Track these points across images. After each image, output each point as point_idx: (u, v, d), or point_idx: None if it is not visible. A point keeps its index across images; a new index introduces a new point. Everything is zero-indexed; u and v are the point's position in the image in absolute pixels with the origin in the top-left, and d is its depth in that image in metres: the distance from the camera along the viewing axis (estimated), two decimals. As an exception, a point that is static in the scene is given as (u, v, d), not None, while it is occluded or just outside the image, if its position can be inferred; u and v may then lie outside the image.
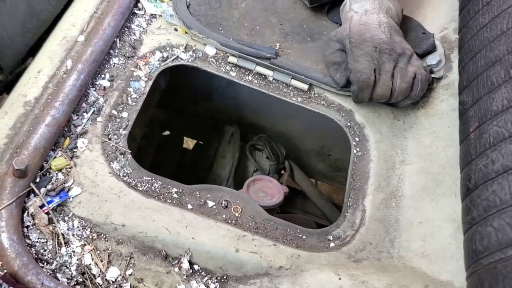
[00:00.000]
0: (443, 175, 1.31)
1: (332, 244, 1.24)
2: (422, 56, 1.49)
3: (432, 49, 1.51)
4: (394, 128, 1.45)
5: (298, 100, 1.44)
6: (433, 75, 1.47)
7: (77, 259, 1.06)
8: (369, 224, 1.27)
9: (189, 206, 1.19)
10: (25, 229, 1.05)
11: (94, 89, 1.27)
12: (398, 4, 1.46)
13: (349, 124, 1.44)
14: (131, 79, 1.32)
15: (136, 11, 1.45)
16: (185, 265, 1.12)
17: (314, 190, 2.14)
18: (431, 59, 1.48)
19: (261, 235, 1.19)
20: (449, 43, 1.54)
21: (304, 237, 1.23)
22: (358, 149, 1.40)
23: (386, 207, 1.31)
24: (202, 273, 1.14)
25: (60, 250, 1.06)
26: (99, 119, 1.24)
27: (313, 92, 1.46)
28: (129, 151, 1.21)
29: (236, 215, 1.21)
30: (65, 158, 1.15)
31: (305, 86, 1.44)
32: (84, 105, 1.24)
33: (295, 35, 1.52)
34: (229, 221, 1.19)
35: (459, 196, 1.24)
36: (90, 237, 1.10)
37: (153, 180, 1.20)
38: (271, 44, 1.47)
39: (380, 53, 1.33)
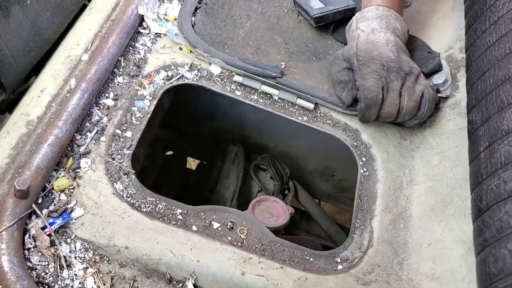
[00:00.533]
0: (452, 196, 1.29)
1: (340, 267, 1.21)
2: (428, 75, 1.48)
3: (438, 69, 1.50)
4: (401, 148, 1.43)
5: (304, 119, 1.42)
6: (439, 95, 1.46)
7: (79, 283, 1.03)
8: (377, 246, 1.25)
9: (194, 228, 1.16)
10: (26, 252, 1.02)
11: (97, 108, 1.26)
12: (404, 24, 1.46)
13: (355, 143, 1.42)
14: (135, 98, 1.31)
15: (140, 30, 1.44)
16: (190, 288, 1.09)
17: (319, 211, 2.11)
18: (437, 79, 1.47)
19: (268, 257, 1.16)
20: (455, 62, 1.53)
21: (311, 259, 1.20)
22: (365, 169, 1.38)
23: (394, 228, 1.28)
24: (207, 296, 1.11)
25: (62, 273, 1.03)
26: (102, 138, 1.22)
27: (319, 112, 1.44)
28: (133, 171, 1.19)
29: (242, 237, 1.18)
30: (68, 178, 1.13)
31: (311, 105, 1.42)
32: (87, 124, 1.22)
33: (300, 54, 1.51)
34: (235, 243, 1.17)
35: (469, 217, 1.23)
36: (93, 259, 1.07)
37: (157, 201, 1.18)
38: (277, 63, 1.46)
39: (388, 71, 1.32)
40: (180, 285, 1.10)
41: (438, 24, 1.67)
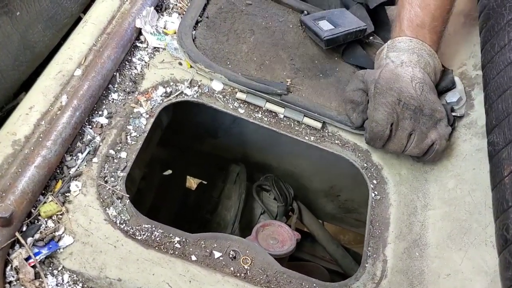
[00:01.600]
0: (470, 222, 1.20)
1: (351, 300, 1.11)
2: (441, 93, 1.40)
3: (451, 86, 1.42)
4: (414, 170, 1.34)
5: (311, 139, 1.34)
6: (454, 114, 1.38)
7: (66, 320, 0.94)
8: (391, 277, 1.15)
9: (193, 258, 1.07)
10: (8, 286, 0.93)
11: (90, 127, 1.17)
12: (438, 61, 1.35)
13: (365, 165, 1.33)
14: (131, 116, 1.22)
15: (138, 44, 1.36)
16: (188, 325, 1.00)
17: (324, 234, 2.02)
18: (451, 97, 1.39)
19: (273, 290, 1.07)
20: (469, 80, 1.45)
21: (320, 291, 1.11)
22: (376, 192, 1.29)
23: (409, 257, 1.19)
24: (207, 334, 1.02)
25: (47, 309, 0.93)
26: (95, 159, 1.13)
27: (326, 131, 1.36)
28: (127, 196, 1.10)
29: (246, 267, 1.09)
30: (56, 203, 1.04)
31: (318, 125, 1.34)
32: (78, 144, 1.13)
33: (306, 71, 1.43)
34: (238, 275, 1.07)
35: (490, 245, 1.14)
36: (82, 293, 0.98)
37: (154, 228, 1.09)
38: (282, 80, 1.37)
39: (403, 107, 1.23)
40: (178, 321, 1.00)
41: (450, 40, 1.59)
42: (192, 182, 2.64)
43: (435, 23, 1.35)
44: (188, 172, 2.23)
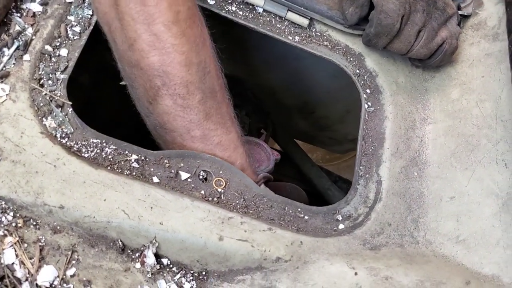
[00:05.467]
0: (479, 137, 1.04)
1: (341, 226, 0.96)
2: (446, -12, 1.19)
3: (457, -20, 1.21)
4: (413, 78, 1.16)
5: (296, 39, 1.12)
6: (460, 12, 1.18)
7: (-6, 257, 0.74)
8: (386, 200, 1.00)
9: (155, 179, 0.87)
10: None
11: (19, 15, 0.91)
12: None
13: (358, 71, 1.13)
14: (72, 4, 0.97)
15: None
16: (150, 259, 0.82)
17: (299, 152, 1.87)
18: (458, -7, 1.19)
19: (252, 216, 0.90)
20: (477, -28, 1.24)
21: (306, 217, 0.95)
22: (369, 103, 1.11)
23: (407, 178, 1.03)
24: (174, 268, 0.85)
25: (-33, 245, 0.73)
26: (26, 57, 0.88)
27: (314, 30, 1.14)
28: (69, 103, 0.87)
29: (219, 190, 0.90)
30: (-25, 111, 0.81)
31: (304, 21, 1.11)
32: (4, 36, 0.88)
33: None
34: (210, 199, 0.89)
35: (501, 164, 0.99)
36: (14, 224, 0.77)
37: (104, 144, 0.87)
38: (261, -36, 1.13)
39: None
40: (137, 255, 0.83)
41: None
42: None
43: None
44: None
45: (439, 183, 1.02)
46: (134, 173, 0.87)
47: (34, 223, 0.79)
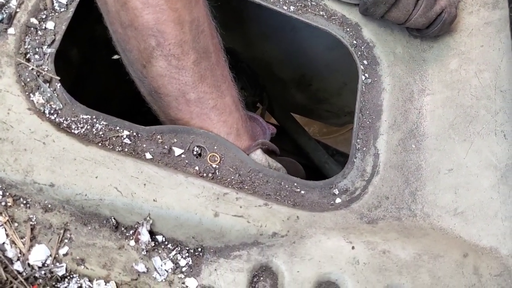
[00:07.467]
0: (477, 108, 1.02)
1: (338, 200, 0.94)
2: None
3: None
4: (411, 48, 1.13)
5: (291, 9, 1.08)
6: (458, -22, 1.15)
7: (-17, 237, 0.72)
8: (383, 173, 0.98)
9: (148, 156, 0.85)
10: None
11: (2, -14, 0.88)
12: None
13: (355, 42, 1.10)
14: (58, -26, 0.93)
15: None
16: (145, 236, 0.81)
17: (296, 126, 1.85)
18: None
19: (248, 191, 0.88)
20: None
21: (302, 192, 0.93)
22: (366, 75, 1.08)
23: (405, 150, 1.01)
24: (169, 245, 0.83)
25: (-45, 225, 0.72)
26: (10, 30, 0.85)
27: (309, -1, 1.11)
28: (57, 78, 0.85)
29: (214, 166, 0.88)
30: (-40, 88, 0.78)
31: (299, -10, 1.08)
32: (-14, 9, 0.85)
33: None
34: (205, 175, 0.87)
35: (500, 135, 0.97)
36: (3, 203, 0.76)
37: (95, 120, 0.85)
38: None
39: None
40: (131, 232, 0.81)
41: None
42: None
43: None
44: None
45: (437, 155, 1.00)
46: (126, 150, 0.85)
47: (24, 201, 0.77)
